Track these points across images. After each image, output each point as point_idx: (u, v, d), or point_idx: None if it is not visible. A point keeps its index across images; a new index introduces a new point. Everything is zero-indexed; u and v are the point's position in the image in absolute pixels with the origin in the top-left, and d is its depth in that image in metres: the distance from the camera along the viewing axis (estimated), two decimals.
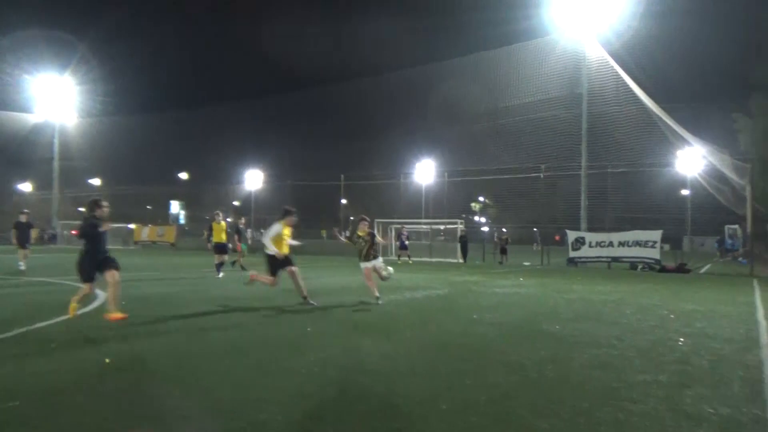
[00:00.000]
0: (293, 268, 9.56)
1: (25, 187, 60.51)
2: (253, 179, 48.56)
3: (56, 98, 46.17)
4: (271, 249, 9.39)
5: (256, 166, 48.82)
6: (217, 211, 16.30)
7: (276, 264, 9.45)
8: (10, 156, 56.49)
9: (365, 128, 46.51)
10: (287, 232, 9.65)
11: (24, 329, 6.74)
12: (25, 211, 18.10)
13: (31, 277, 14.32)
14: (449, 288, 13.39)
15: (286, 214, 9.66)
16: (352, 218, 9.92)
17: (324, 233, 47.55)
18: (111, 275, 7.21)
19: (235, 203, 51.93)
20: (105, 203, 7.33)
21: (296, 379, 4.76)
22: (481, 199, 53.33)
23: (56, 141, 47.67)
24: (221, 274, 15.03)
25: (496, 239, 29.34)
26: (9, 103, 49.24)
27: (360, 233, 10.04)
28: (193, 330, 6.96)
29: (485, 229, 46.56)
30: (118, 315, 7.06)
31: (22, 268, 16.05)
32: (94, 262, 7.14)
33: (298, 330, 7.15)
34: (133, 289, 11.11)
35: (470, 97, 34.96)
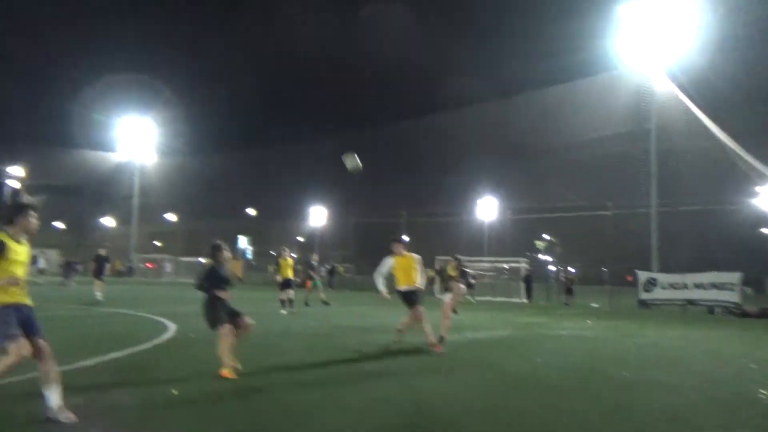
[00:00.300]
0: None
1: (107, 221, 64.52)
2: (317, 216, 49.64)
3: (138, 138, 49.35)
4: (381, 287, 8.73)
5: (320, 203, 50.02)
6: (284, 247, 16.68)
7: (409, 297, 8.59)
8: (95, 193, 60.73)
9: (428, 165, 46.86)
10: (405, 262, 8.68)
11: (100, 358, 7.12)
12: (106, 244, 19.36)
13: (108, 308, 15.12)
14: (512, 329, 13.07)
15: (391, 242, 8.87)
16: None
17: None
18: (243, 325, 6.71)
19: (300, 239, 53.08)
20: (226, 247, 7.11)
21: (354, 417, 4.78)
22: (545, 237, 52.12)
23: (136, 179, 50.71)
24: (288, 311, 15.18)
25: (562, 279, 28.46)
26: (95, 143, 53.29)
27: (450, 272, 10.09)
28: (254, 365, 7.09)
29: (551, 268, 45.34)
30: (228, 372, 6.34)
31: (99, 298, 16.98)
32: (222, 307, 6.67)
33: (357, 368, 7.17)
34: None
35: (534, 133, 34.66)
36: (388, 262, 8.76)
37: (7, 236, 4.39)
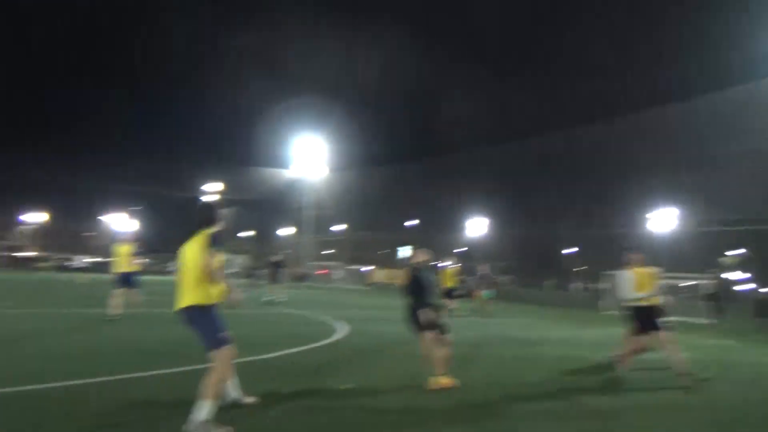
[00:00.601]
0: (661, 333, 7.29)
1: (286, 231, 70.86)
2: (477, 226, 49.44)
3: (310, 155, 53.55)
4: (633, 296, 7.53)
5: (480, 213, 49.81)
6: (446, 257, 16.93)
7: (644, 318, 7.41)
8: (273, 206, 67.07)
9: (594, 173, 44.22)
10: (642, 276, 7.53)
11: (277, 353, 7.89)
12: (282, 252, 21.46)
13: (285, 309, 16.59)
14: (694, 352, 11.82)
15: (628, 252, 7.88)
16: (575, 269, 9.21)
17: (553, 283, 45.76)
18: (444, 341, 6.41)
19: (460, 250, 53.40)
20: (423, 250, 6.89)
21: None
22: (739, 251, 46.19)
23: (309, 192, 55.03)
24: (449, 320, 15.22)
25: (758, 298, 25.00)
26: (271, 161, 59.26)
27: None
28: (408, 379, 7.02)
29: (748, 286, 40.02)
30: (445, 381, 6.17)
31: (276, 300, 18.58)
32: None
33: (519, 382, 7.05)
34: (374, 326, 12.17)
35: (716, 138, 31.10)
36: (626, 277, 7.67)
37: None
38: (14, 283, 24.63)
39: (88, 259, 52.13)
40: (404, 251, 66.93)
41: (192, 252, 4.54)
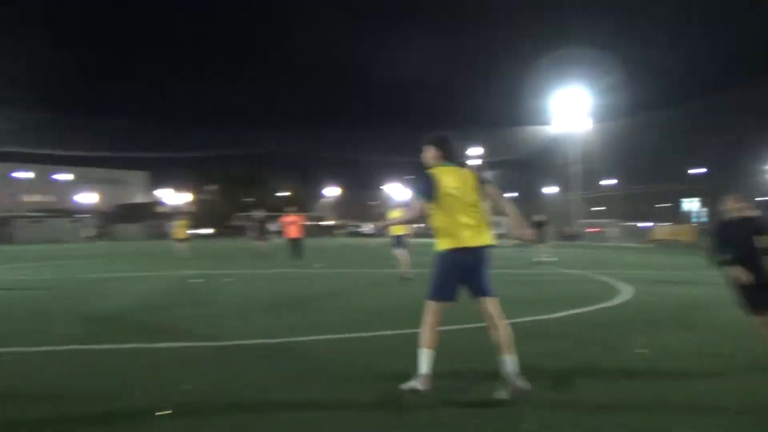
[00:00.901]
0: None
1: (550, 189, 69.26)
2: None
3: (573, 108, 50.72)
4: None
5: None
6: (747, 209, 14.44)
7: None
8: (536, 164, 65.93)
9: None
10: None
11: (559, 314, 7.76)
12: (544, 211, 21.49)
13: (555, 269, 16.27)
14: None
15: None
16: None
17: None
18: None
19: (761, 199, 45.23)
20: (735, 196, 5.28)
21: None
22: None
23: (573, 148, 52.31)
24: None
25: None
26: (532, 119, 57.97)
27: None
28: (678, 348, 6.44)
29: None
30: None
31: (543, 259, 18.67)
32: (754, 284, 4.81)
33: None
34: (662, 288, 11.18)
35: None
36: None
37: None
38: (321, 248, 29.23)
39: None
40: (690, 203, 59.34)
41: (471, 188, 4.21)
